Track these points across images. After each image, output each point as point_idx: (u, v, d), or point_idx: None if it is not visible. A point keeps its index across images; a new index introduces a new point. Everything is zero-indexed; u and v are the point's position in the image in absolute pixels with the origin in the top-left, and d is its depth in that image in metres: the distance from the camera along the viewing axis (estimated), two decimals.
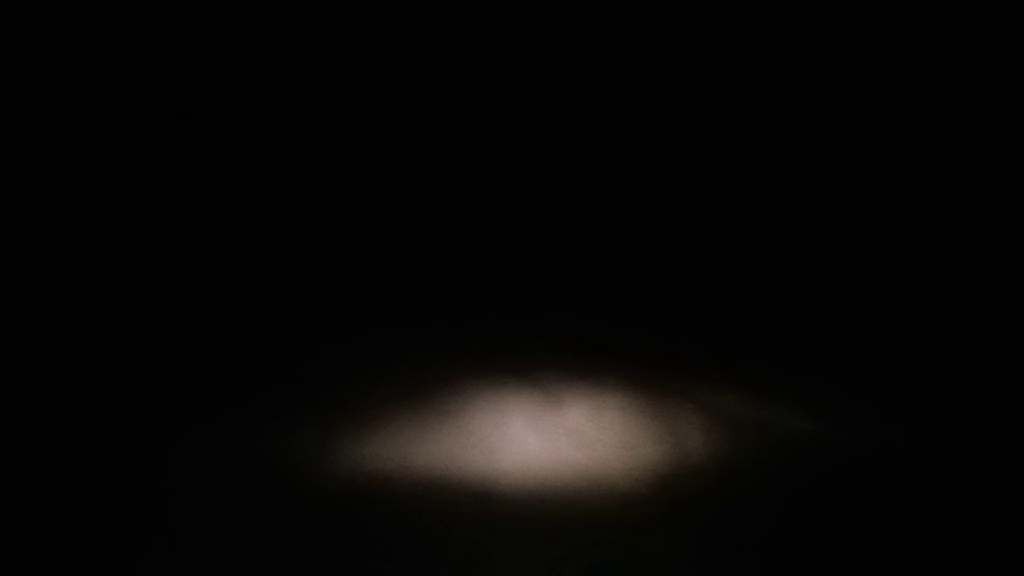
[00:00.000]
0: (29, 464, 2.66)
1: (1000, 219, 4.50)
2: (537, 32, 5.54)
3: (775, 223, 5.40)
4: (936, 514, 2.53)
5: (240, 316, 4.01)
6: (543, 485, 2.66)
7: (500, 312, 4.78)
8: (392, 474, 2.69)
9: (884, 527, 2.48)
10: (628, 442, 2.96)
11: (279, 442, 2.86)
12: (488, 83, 5.65)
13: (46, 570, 2.20)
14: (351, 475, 2.69)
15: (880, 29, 5.02)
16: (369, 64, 5.12)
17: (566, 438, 2.99)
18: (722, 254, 5.52)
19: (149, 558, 2.28)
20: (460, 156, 5.61)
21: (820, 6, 5.06)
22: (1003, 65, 4.72)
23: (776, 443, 2.96)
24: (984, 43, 4.77)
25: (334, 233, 4.84)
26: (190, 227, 4.37)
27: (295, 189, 4.72)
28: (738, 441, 2.95)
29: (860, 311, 4.61)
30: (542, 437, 2.99)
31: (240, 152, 4.61)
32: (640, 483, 2.66)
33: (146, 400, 3.19)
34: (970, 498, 2.61)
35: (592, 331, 4.79)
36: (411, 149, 5.37)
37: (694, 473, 2.75)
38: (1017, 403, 3.24)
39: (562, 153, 6.02)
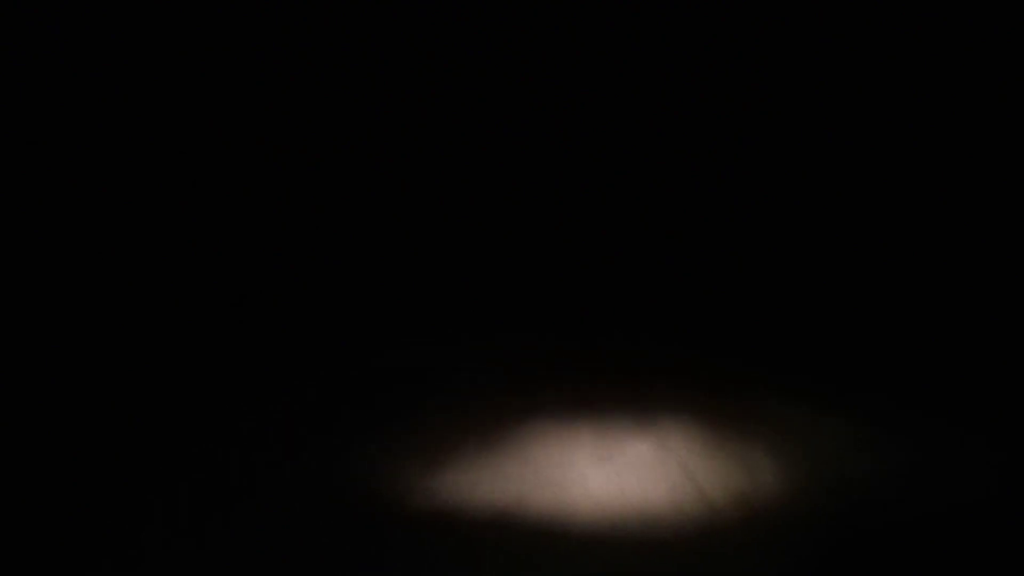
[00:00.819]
0: (110, 486, 2.75)
1: None
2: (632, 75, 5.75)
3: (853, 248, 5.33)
4: None
5: (314, 350, 4.10)
6: (608, 519, 2.70)
7: (557, 333, 4.80)
8: (459, 506, 2.80)
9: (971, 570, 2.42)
10: (696, 473, 2.95)
11: (351, 471, 2.94)
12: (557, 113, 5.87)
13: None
14: (419, 506, 2.80)
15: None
16: (442, 89, 5.27)
17: (631, 470, 3.02)
18: (793, 272, 5.45)
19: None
20: (511, 190, 5.78)
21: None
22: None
23: (854, 476, 2.88)
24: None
25: (406, 268, 4.95)
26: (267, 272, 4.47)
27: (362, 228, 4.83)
28: (813, 473, 2.89)
29: (956, 330, 4.52)
30: (606, 469, 3.02)
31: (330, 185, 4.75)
32: (710, 516, 2.63)
33: (226, 425, 3.25)
34: None
35: (651, 353, 4.85)
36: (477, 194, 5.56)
37: (766, 507, 2.71)
38: None
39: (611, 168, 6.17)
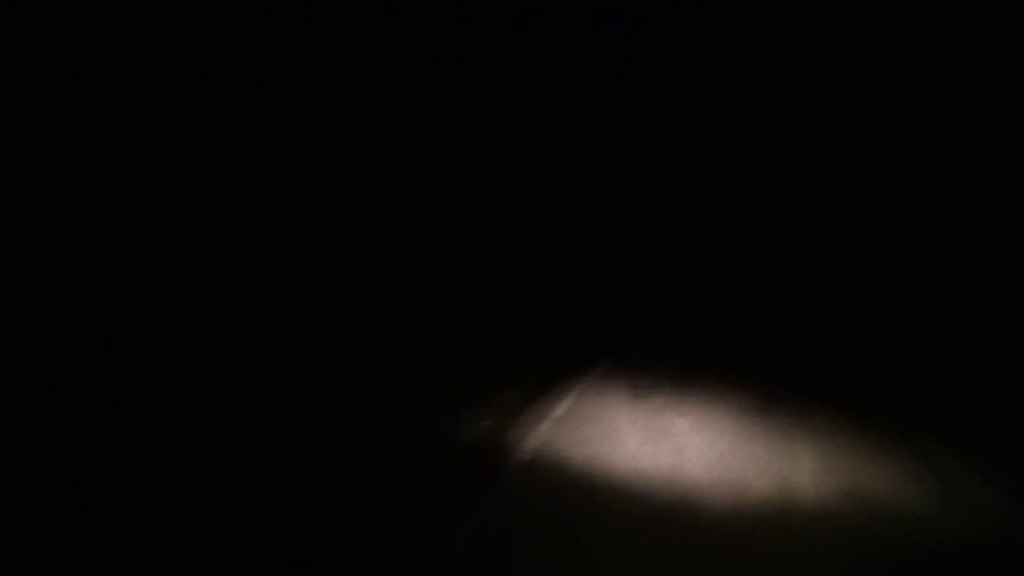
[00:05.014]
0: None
1: None
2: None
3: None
4: None
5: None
6: (646, 492, 2.72)
7: (617, 326, 5.46)
8: (506, 451, 3.02)
9: None
10: (734, 462, 3.00)
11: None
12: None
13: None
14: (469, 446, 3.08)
15: None
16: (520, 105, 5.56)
17: (671, 448, 3.12)
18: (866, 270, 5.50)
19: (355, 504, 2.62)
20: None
21: None
22: None
23: (892, 486, 2.85)
24: None
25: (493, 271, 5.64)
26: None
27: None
28: (851, 479, 2.88)
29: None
30: (649, 445, 3.14)
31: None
32: (740, 506, 2.64)
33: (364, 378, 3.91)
34: None
35: (706, 344, 5.16)
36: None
37: (799, 497, 2.72)
38: None
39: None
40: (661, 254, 7.15)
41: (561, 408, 3.52)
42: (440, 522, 2.43)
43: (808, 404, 3.81)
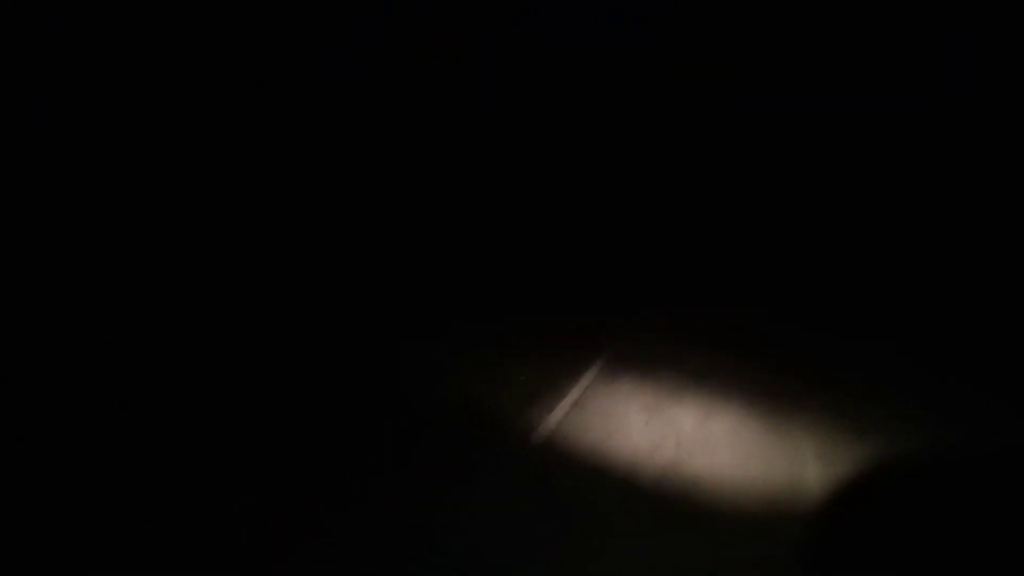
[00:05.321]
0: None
1: None
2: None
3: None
4: None
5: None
6: (648, 481, 2.78)
7: (620, 303, 5.71)
8: (515, 433, 3.15)
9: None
10: (738, 455, 3.02)
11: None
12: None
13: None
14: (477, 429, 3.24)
15: None
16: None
17: (675, 441, 3.16)
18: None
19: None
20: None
21: None
22: None
23: (895, 465, 2.89)
24: None
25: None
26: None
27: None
28: (855, 472, 2.88)
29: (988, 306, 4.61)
30: (653, 437, 3.18)
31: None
32: (741, 501, 2.66)
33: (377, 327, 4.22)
34: None
35: (705, 320, 5.42)
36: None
37: (802, 488, 2.74)
38: None
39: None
40: (661, 250, 7.19)
41: (572, 392, 3.54)
42: (444, 513, 2.45)
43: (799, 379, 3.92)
